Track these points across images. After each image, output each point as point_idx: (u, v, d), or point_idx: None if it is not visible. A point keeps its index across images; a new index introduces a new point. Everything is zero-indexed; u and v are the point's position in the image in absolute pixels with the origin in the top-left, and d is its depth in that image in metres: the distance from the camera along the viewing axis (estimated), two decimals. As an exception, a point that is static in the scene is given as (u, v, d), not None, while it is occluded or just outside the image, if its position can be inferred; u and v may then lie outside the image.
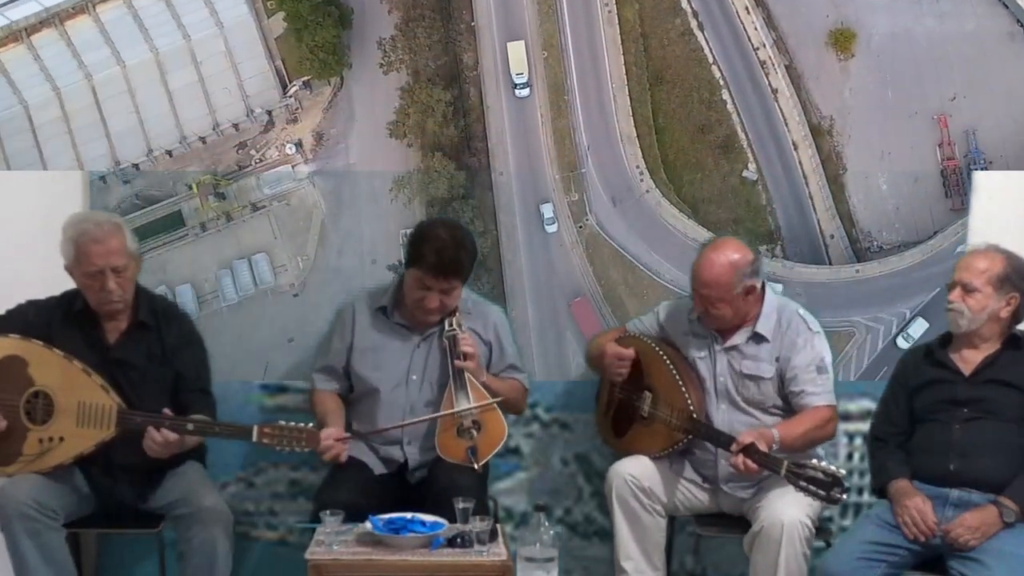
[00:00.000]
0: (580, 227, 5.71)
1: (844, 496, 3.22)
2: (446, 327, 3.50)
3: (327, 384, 3.62)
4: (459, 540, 3.11)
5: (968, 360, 3.36)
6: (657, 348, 3.61)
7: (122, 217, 5.42)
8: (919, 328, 5.42)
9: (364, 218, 5.70)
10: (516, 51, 5.53)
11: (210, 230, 5.71)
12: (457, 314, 3.50)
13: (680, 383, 3.50)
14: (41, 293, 3.49)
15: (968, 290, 3.34)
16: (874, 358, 5.72)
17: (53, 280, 3.49)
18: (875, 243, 5.80)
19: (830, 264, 5.76)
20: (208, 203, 5.70)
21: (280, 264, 5.65)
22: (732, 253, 3.51)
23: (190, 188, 5.72)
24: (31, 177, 5.11)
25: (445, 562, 3.08)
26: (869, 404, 3.73)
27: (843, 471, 3.26)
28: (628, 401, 3.61)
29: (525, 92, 5.61)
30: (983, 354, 3.34)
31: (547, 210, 5.49)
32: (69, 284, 3.49)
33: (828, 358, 3.57)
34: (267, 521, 3.89)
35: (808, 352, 3.56)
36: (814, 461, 3.28)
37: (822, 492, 3.23)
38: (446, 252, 3.40)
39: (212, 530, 3.31)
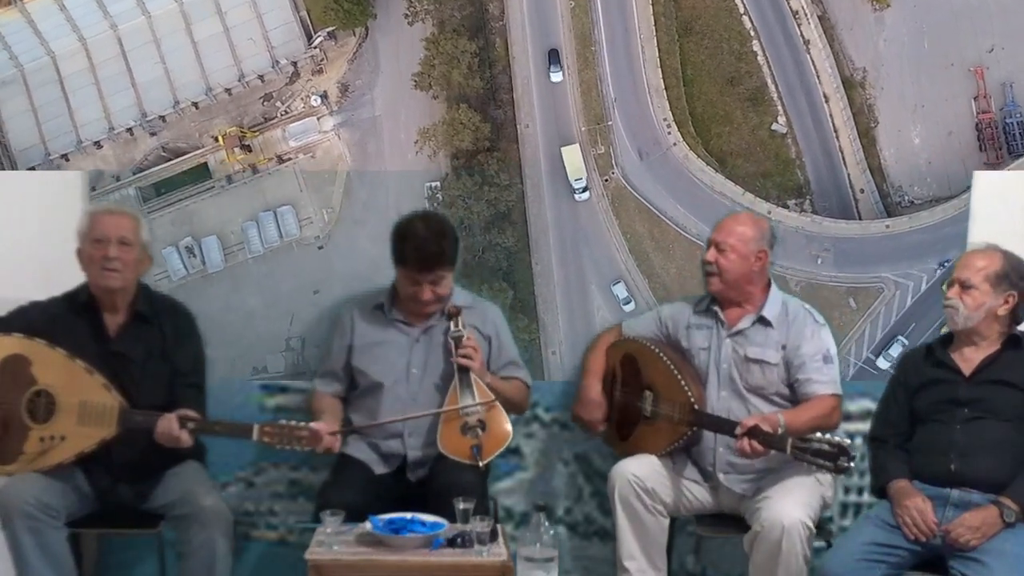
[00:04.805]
0: (606, 180, 5.66)
1: (851, 464, 3.19)
2: (451, 328, 3.50)
3: (327, 387, 3.64)
4: (459, 540, 3.11)
5: (968, 359, 3.31)
6: (654, 347, 3.59)
7: (150, 168, 5.48)
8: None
9: (390, 170, 5.70)
10: (572, 156, 5.48)
11: (236, 182, 5.73)
12: (461, 315, 3.51)
13: (679, 377, 3.48)
14: (41, 293, 3.51)
15: (965, 287, 3.30)
16: (903, 314, 5.67)
17: (53, 280, 3.52)
18: (906, 198, 5.71)
19: (860, 219, 5.68)
20: (234, 155, 5.71)
21: (305, 216, 5.66)
22: (757, 219, 3.55)
23: (216, 140, 5.73)
24: (31, 177, 5.12)
25: (445, 562, 3.07)
26: (869, 404, 3.71)
27: (848, 440, 3.23)
28: (629, 404, 3.60)
29: (584, 196, 5.54)
30: (983, 353, 3.29)
31: (620, 290, 5.47)
32: (67, 285, 3.52)
33: (833, 350, 3.55)
34: (267, 521, 3.92)
35: (815, 342, 3.53)
36: (818, 434, 3.26)
37: (829, 463, 3.21)
38: (427, 246, 3.43)
39: (212, 530, 3.33)
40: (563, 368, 5.63)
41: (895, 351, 5.54)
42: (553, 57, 5.53)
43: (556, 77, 5.51)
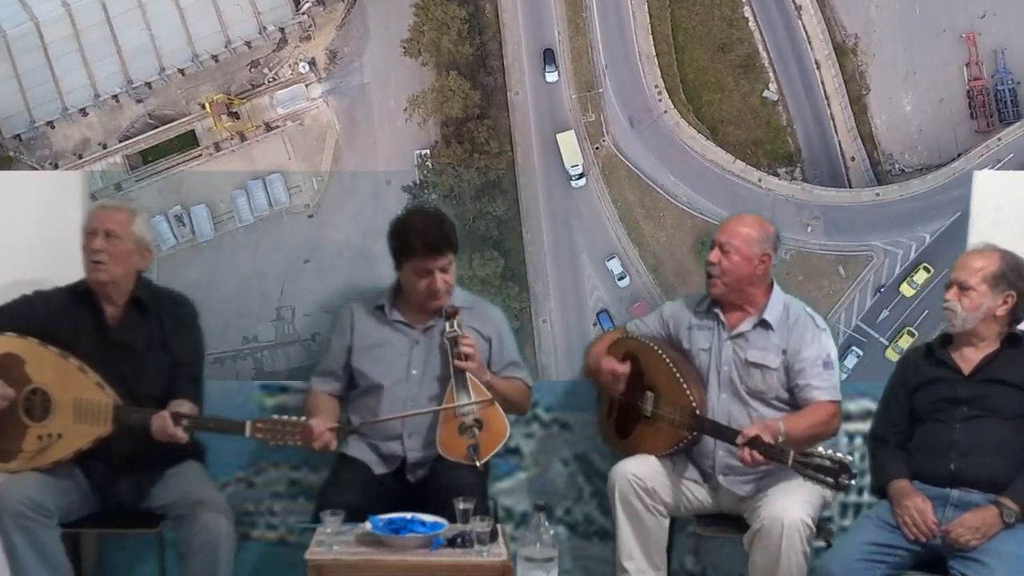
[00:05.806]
0: (596, 148, 5.64)
1: (852, 482, 3.21)
2: (447, 328, 3.48)
3: (323, 386, 3.63)
4: (459, 540, 3.13)
5: (968, 359, 3.32)
6: (656, 348, 3.57)
7: (136, 136, 5.44)
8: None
9: (379, 138, 5.66)
10: (567, 142, 5.43)
11: (224, 150, 5.68)
12: (459, 315, 3.49)
13: (681, 380, 3.47)
14: (39, 294, 3.54)
15: (963, 288, 3.30)
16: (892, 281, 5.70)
17: (53, 280, 3.52)
18: (897, 165, 5.72)
19: (850, 187, 5.69)
20: (222, 122, 5.66)
21: (295, 185, 5.63)
22: (763, 221, 3.52)
23: (204, 107, 5.67)
24: (31, 177, 5.06)
25: (445, 562, 3.08)
26: (869, 404, 3.72)
27: (850, 457, 3.25)
28: (630, 402, 3.59)
29: (581, 183, 5.54)
30: (983, 353, 3.30)
31: (615, 266, 5.42)
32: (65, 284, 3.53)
33: (834, 355, 3.55)
34: (267, 521, 3.92)
35: (816, 347, 3.52)
36: (820, 449, 3.27)
37: (830, 479, 3.22)
38: (430, 231, 3.42)
39: (212, 531, 3.35)
40: (553, 336, 5.64)
41: (850, 362, 5.59)
42: (548, 57, 5.48)
43: (551, 77, 5.47)
